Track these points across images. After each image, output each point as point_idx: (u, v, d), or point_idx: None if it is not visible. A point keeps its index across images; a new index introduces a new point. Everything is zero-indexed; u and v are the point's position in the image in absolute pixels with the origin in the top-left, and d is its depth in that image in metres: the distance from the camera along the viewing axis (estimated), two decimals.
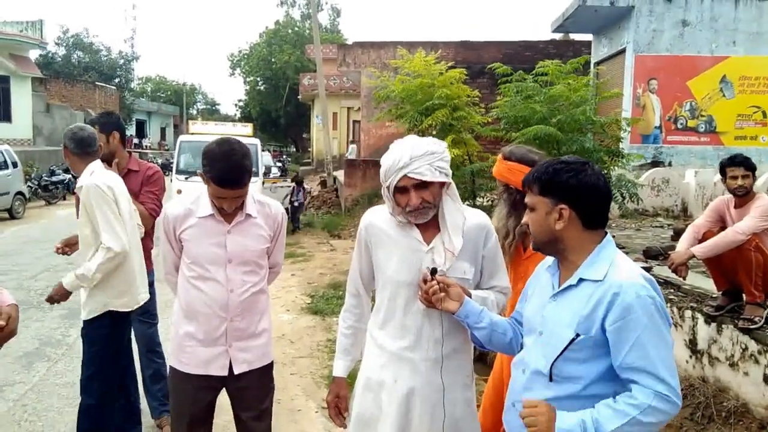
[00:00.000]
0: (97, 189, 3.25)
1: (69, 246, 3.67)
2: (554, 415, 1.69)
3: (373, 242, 2.37)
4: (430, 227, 2.29)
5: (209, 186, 2.55)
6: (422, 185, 2.19)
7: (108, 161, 3.79)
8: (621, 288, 1.70)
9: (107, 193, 3.27)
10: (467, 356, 2.38)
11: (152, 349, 4.16)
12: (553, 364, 1.78)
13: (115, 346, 3.46)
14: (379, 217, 2.37)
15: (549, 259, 1.97)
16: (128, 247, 3.31)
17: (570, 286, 1.81)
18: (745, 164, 3.98)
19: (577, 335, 1.73)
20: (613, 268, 1.76)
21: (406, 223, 2.29)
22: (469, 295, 2.18)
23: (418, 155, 2.17)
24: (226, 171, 2.48)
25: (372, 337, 2.42)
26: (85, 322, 3.37)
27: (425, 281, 2.12)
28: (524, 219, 1.93)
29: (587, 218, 1.80)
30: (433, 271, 2.08)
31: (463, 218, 2.29)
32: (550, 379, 1.80)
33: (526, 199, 1.88)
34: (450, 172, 2.27)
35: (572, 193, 1.78)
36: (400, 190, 2.21)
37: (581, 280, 1.79)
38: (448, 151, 2.30)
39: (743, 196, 4.01)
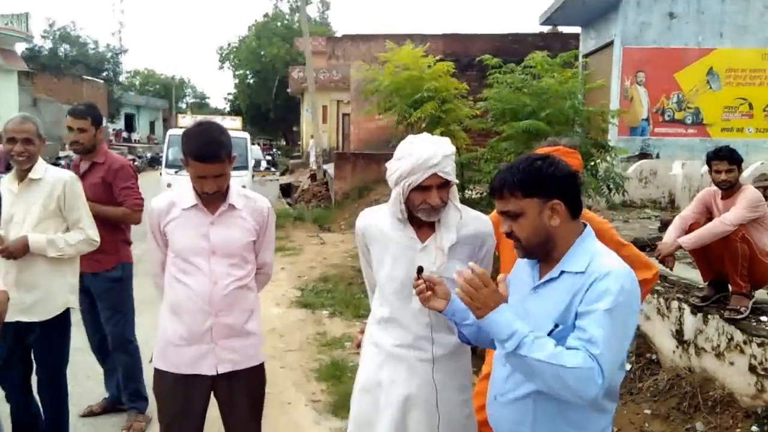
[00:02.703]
0: (79, 182, 3.40)
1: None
2: (493, 303, 1.68)
3: (370, 242, 2.40)
4: (425, 226, 2.30)
5: (189, 167, 2.55)
6: (444, 184, 2.21)
7: (88, 152, 3.88)
8: (599, 275, 1.70)
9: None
10: (465, 357, 2.39)
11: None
12: None
13: (68, 344, 3.47)
14: (374, 219, 2.40)
15: None
16: None
17: (551, 279, 1.81)
18: (729, 158, 3.99)
19: (556, 326, 1.73)
20: (595, 259, 1.76)
21: (401, 222, 2.30)
22: None
23: (448, 154, 2.19)
24: (202, 145, 2.50)
25: (370, 335, 2.43)
26: (44, 324, 3.24)
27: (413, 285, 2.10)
28: (504, 228, 1.85)
29: (574, 207, 1.80)
30: (419, 270, 2.06)
31: (458, 216, 2.30)
32: None
33: (507, 207, 1.81)
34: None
35: (560, 185, 1.77)
36: (421, 188, 2.19)
37: (562, 272, 1.79)
38: None
39: (728, 190, 4.04)
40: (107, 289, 3.95)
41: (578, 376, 1.59)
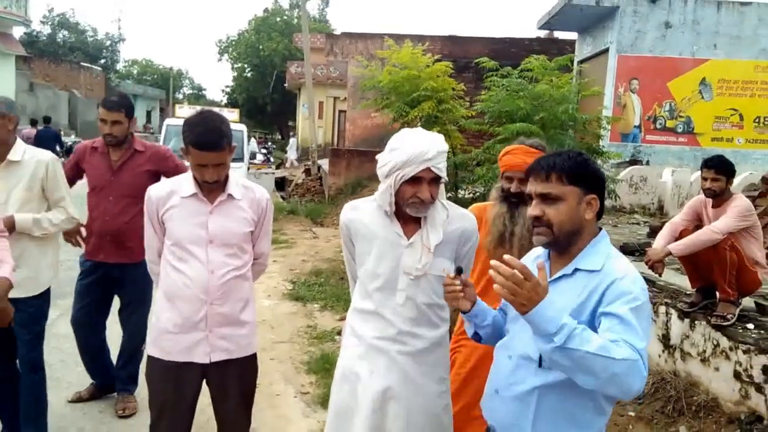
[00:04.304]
0: (59, 162, 3.44)
1: None
2: (537, 297, 1.60)
3: (354, 236, 2.40)
4: (411, 222, 2.30)
5: (190, 155, 2.56)
6: (435, 180, 2.23)
7: (120, 144, 3.89)
8: (618, 276, 1.74)
9: None
10: (444, 351, 2.41)
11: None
12: None
13: (45, 322, 3.51)
14: (359, 212, 2.40)
15: (538, 249, 1.99)
16: None
17: (564, 276, 1.83)
18: (716, 167, 4.00)
19: None
20: (610, 261, 1.79)
21: (387, 217, 2.30)
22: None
23: (442, 150, 2.22)
24: (204, 133, 2.51)
25: (351, 327, 2.43)
26: (30, 299, 3.29)
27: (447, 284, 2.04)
28: (535, 211, 1.83)
29: (602, 208, 1.87)
30: (459, 271, 2.04)
31: (445, 214, 2.31)
32: (539, 365, 1.80)
33: (548, 190, 1.81)
34: None
35: (599, 182, 1.85)
36: (413, 181, 2.21)
37: (576, 270, 1.81)
38: None
39: (713, 198, 4.07)
40: (139, 280, 3.94)
41: (628, 368, 1.57)
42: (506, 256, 1.63)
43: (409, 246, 2.27)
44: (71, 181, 3.88)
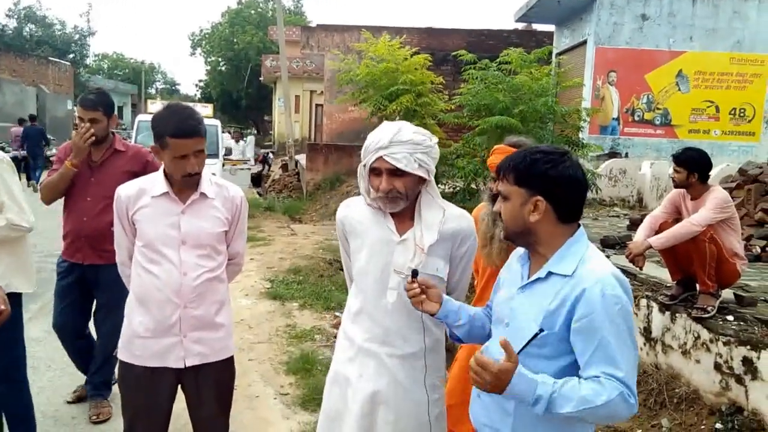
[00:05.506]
0: (3, 161, 3.11)
1: None
2: (501, 382, 1.61)
3: (348, 233, 2.34)
4: (406, 219, 2.24)
5: (167, 149, 2.46)
6: (396, 173, 2.13)
7: (100, 143, 3.74)
8: (588, 284, 1.67)
9: (12, 166, 3.13)
10: (439, 355, 2.34)
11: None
12: None
13: (18, 329, 3.28)
14: (354, 209, 2.34)
15: (520, 249, 1.94)
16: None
17: (538, 279, 1.78)
18: (677, 160, 4.08)
19: (541, 330, 1.69)
20: (583, 264, 1.72)
21: (380, 213, 2.24)
22: None
23: (399, 141, 2.12)
24: (182, 121, 2.44)
25: (343, 329, 2.38)
26: None
27: (407, 288, 2.01)
28: (495, 207, 1.87)
29: (562, 211, 1.76)
30: (414, 273, 2.00)
31: (441, 215, 2.24)
32: None
33: (500, 188, 1.82)
34: (432, 168, 2.21)
35: (549, 185, 1.73)
36: (374, 171, 2.17)
37: (550, 273, 1.75)
38: (437, 146, 2.21)
39: (679, 188, 4.13)
40: (115, 282, 3.79)
41: (611, 407, 1.61)
42: (477, 353, 1.68)
43: (400, 243, 2.21)
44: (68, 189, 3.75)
